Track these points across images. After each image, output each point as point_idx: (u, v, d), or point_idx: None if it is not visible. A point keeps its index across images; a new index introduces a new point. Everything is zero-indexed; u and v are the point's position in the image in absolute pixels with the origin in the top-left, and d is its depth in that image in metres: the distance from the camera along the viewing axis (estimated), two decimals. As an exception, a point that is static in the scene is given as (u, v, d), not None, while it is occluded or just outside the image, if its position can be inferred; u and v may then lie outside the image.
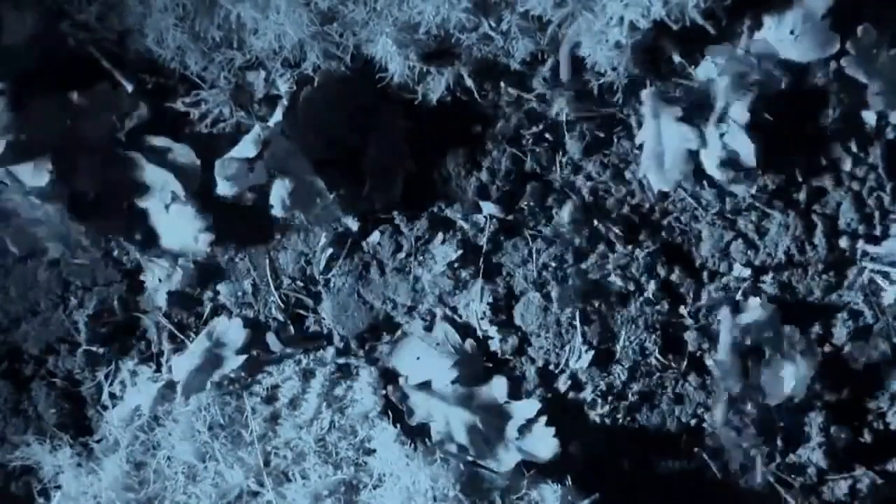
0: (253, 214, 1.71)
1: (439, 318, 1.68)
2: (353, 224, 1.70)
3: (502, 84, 1.68)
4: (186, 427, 1.64)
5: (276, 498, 1.59)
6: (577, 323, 1.65)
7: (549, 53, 1.65)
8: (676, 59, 1.65)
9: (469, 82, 1.66)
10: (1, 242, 1.68)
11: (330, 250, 1.70)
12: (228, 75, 1.67)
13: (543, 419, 1.62)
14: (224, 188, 1.63)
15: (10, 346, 1.73)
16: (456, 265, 1.67)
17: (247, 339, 1.69)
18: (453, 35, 1.60)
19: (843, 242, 1.67)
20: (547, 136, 1.70)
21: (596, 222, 1.68)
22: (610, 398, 1.65)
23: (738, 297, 1.65)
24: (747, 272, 1.66)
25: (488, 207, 1.69)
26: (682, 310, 1.66)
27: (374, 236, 1.70)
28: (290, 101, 1.67)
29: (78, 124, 1.68)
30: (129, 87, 1.70)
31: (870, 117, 1.66)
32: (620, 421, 1.66)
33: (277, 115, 1.67)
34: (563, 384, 1.66)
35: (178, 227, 1.68)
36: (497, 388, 1.65)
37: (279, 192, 1.65)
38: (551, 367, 1.67)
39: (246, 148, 1.63)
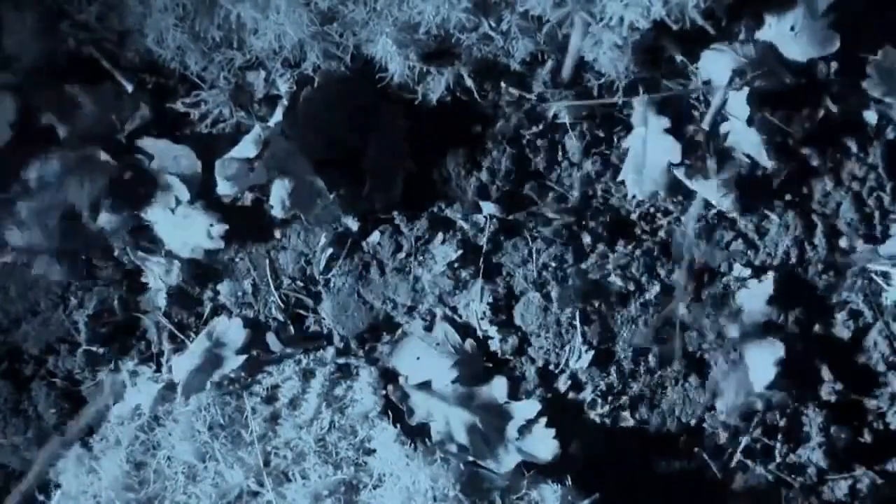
0: (253, 214, 1.71)
1: (439, 318, 1.68)
2: (353, 224, 1.70)
3: (502, 84, 1.68)
4: (186, 427, 1.64)
5: (276, 498, 1.59)
6: (577, 323, 1.65)
7: (549, 54, 1.65)
8: (678, 58, 1.65)
9: (469, 82, 1.66)
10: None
11: (330, 250, 1.70)
12: (228, 75, 1.67)
13: (543, 420, 1.62)
14: (224, 188, 1.63)
15: (10, 346, 1.73)
16: (456, 265, 1.67)
17: (247, 339, 1.69)
18: (453, 35, 1.60)
19: (843, 242, 1.67)
20: (547, 136, 1.70)
21: (595, 222, 1.69)
22: (610, 398, 1.65)
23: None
24: (747, 272, 1.66)
25: (488, 207, 1.69)
26: (682, 309, 1.66)
27: (374, 236, 1.70)
28: (290, 101, 1.67)
29: (82, 125, 1.69)
30: (129, 88, 1.70)
31: (870, 117, 1.66)
32: (620, 421, 1.66)
33: (277, 115, 1.67)
34: (563, 384, 1.66)
35: (186, 229, 1.68)
36: (497, 388, 1.65)
37: (279, 192, 1.65)
38: (551, 367, 1.67)
39: (246, 148, 1.63)
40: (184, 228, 1.68)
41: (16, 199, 1.66)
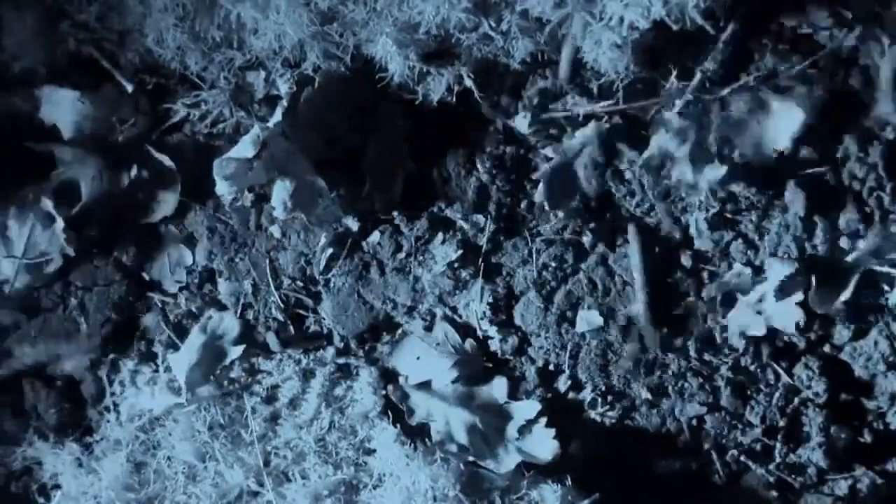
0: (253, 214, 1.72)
1: (439, 318, 1.68)
2: (353, 224, 1.70)
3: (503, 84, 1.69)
4: (186, 427, 1.64)
5: (276, 498, 1.59)
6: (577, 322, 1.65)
7: (548, 54, 1.65)
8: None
9: (469, 82, 1.66)
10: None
11: (330, 250, 1.70)
12: (228, 75, 1.67)
13: (543, 420, 1.62)
14: (223, 188, 1.63)
15: (11, 346, 1.73)
16: (456, 265, 1.67)
17: (241, 328, 1.69)
18: (453, 35, 1.60)
19: (843, 242, 1.67)
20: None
21: (595, 222, 1.69)
22: (610, 398, 1.65)
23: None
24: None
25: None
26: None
27: (374, 236, 1.70)
28: (290, 101, 1.67)
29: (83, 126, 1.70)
30: (129, 88, 1.71)
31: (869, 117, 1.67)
32: (620, 421, 1.66)
33: (277, 116, 1.67)
34: (563, 384, 1.66)
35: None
36: (497, 388, 1.65)
37: (281, 193, 1.64)
38: (551, 367, 1.67)
39: (244, 148, 1.63)
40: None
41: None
